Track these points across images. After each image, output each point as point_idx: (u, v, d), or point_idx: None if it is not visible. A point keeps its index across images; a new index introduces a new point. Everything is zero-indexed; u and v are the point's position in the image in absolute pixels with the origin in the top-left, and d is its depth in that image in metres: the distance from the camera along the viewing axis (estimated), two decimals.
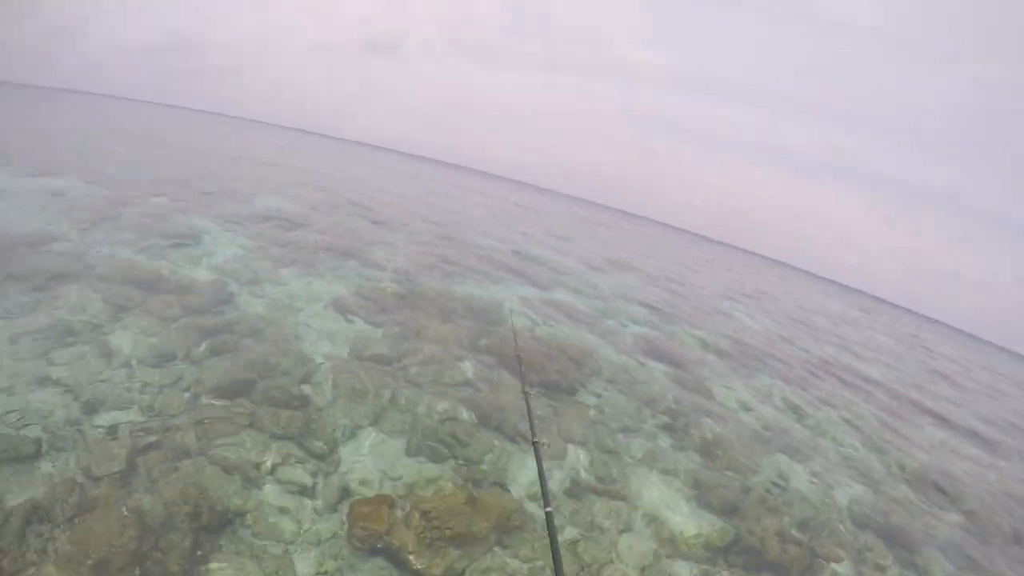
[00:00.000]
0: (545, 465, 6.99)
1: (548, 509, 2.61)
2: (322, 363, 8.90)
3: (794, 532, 7.68)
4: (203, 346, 8.45)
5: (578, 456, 8.11)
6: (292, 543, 5.25)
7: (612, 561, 6.08)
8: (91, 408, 6.38)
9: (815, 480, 9.64)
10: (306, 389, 7.93)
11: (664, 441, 9.43)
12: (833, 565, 7.27)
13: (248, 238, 15.47)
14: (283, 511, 5.58)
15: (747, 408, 12.34)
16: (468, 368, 9.99)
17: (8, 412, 5.97)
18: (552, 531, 2.45)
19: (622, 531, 6.68)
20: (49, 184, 16.63)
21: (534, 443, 3.36)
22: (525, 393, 4.27)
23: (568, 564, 5.75)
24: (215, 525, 5.15)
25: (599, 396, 10.48)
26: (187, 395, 7.09)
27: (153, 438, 6.04)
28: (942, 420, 17.39)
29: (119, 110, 75.92)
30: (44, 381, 6.68)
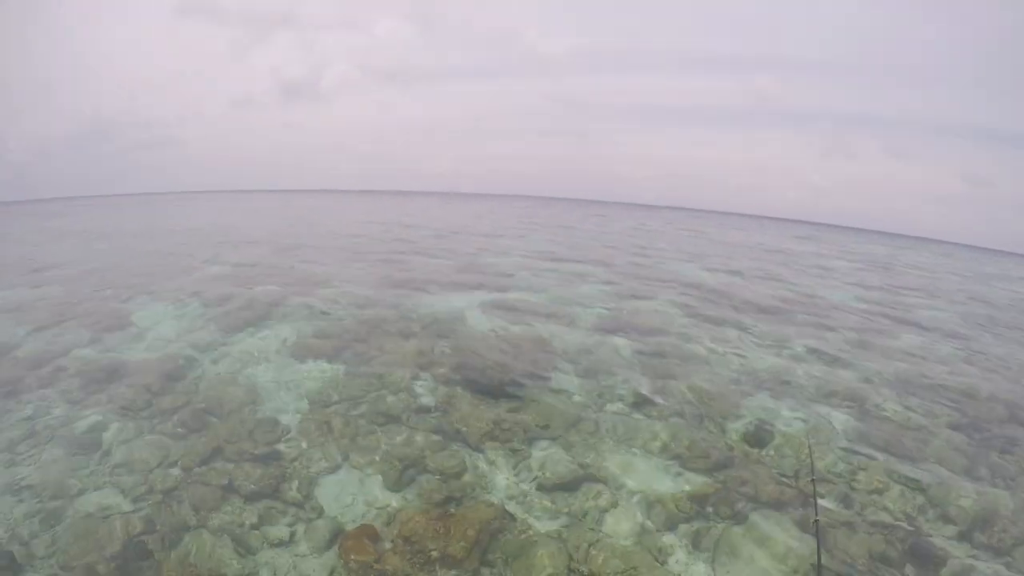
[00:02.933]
0: (514, 462, 7.10)
1: None
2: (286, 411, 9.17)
3: (786, 470, 7.91)
4: (171, 421, 8.67)
5: (551, 444, 8.37)
6: None
7: (600, 540, 6.22)
8: (74, 502, 6.57)
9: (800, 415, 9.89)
10: (275, 442, 8.20)
11: (639, 411, 9.64)
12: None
13: (200, 306, 15.64)
14: (274, 565, 5.73)
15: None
16: (425, 387, 10.25)
17: None
18: None
19: (607, 509, 6.82)
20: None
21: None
22: (816, 522, 4.16)
23: (555, 552, 5.91)
24: None
25: (569, 381, 10.79)
26: (167, 471, 7.30)
27: (141, 518, 6.24)
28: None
29: (44, 211, 74.43)
30: (24, 486, 6.88)
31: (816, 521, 4.10)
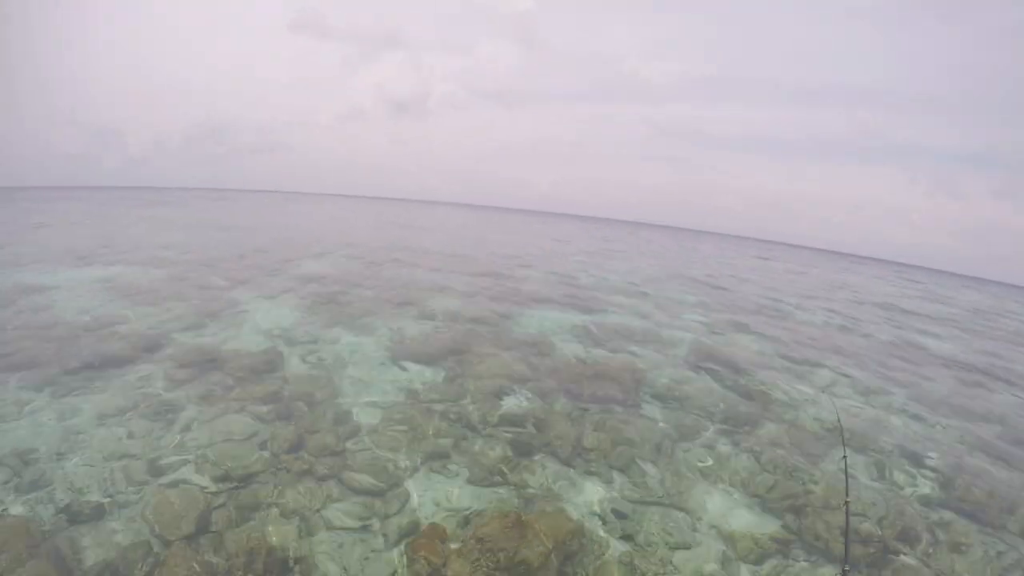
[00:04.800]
0: (593, 481, 7.10)
1: None
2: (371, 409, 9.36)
3: (864, 524, 7.41)
4: (259, 407, 8.99)
5: (634, 471, 8.20)
6: None
7: (669, 572, 6.05)
8: (160, 473, 6.93)
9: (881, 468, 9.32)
10: (356, 437, 8.38)
11: (724, 446, 9.38)
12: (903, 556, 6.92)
13: (298, 300, 16.38)
14: (347, 554, 5.84)
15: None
16: (514, 399, 10.27)
17: (88, 483, 6.56)
18: None
19: (678, 542, 6.62)
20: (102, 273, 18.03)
21: None
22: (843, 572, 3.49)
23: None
24: (282, 571, 5.47)
25: (655, 408, 10.62)
26: (250, 453, 7.58)
27: (220, 498, 6.49)
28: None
29: (163, 199, 77.98)
30: (119, 453, 7.31)
31: (845, 572, 3.87)
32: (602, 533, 6.57)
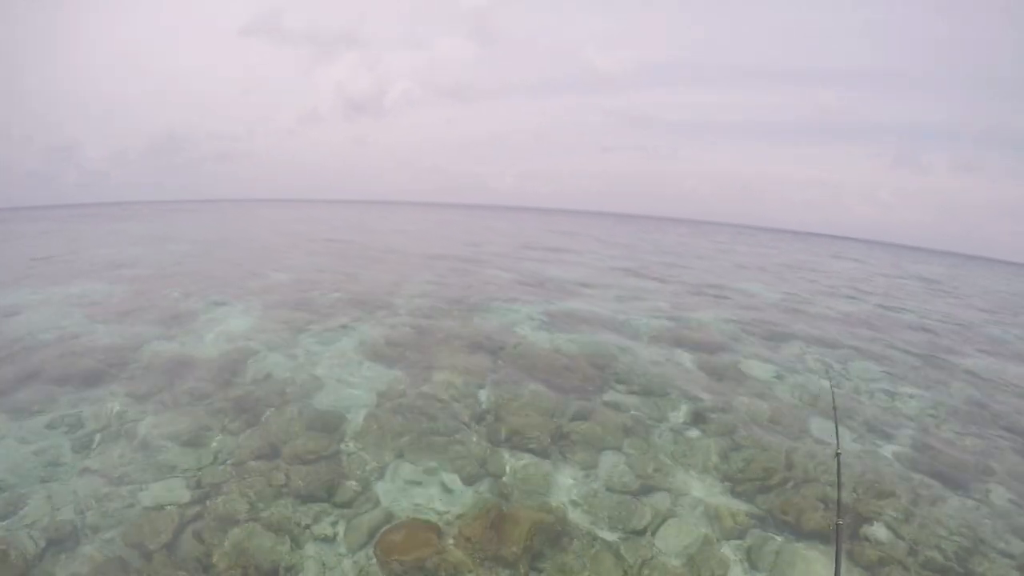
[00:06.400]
0: (579, 473, 7.12)
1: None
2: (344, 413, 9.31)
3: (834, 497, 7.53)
4: (234, 417, 8.90)
5: (611, 460, 8.24)
6: None
7: (654, 556, 6.11)
8: (137, 488, 6.85)
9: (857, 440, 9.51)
10: (331, 443, 8.30)
11: (699, 426, 9.48)
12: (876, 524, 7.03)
13: (264, 308, 16.11)
14: (322, 562, 5.82)
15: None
16: (485, 394, 10.29)
17: (61, 503, 6.48)
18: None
19: (659, 526, 6.68)
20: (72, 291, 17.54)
21: None
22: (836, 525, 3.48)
23: (609, 566, 5.87)
24: None
25: (627, 394, 10.64)
26: (225, 466, 7.51)
27: (195, 510, 6.44)
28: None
29: (120, 215, 76.63)
30: (84, 471, 7.21)
31: (838, 525, 3.87)
32: (578, 523, 6.63)
